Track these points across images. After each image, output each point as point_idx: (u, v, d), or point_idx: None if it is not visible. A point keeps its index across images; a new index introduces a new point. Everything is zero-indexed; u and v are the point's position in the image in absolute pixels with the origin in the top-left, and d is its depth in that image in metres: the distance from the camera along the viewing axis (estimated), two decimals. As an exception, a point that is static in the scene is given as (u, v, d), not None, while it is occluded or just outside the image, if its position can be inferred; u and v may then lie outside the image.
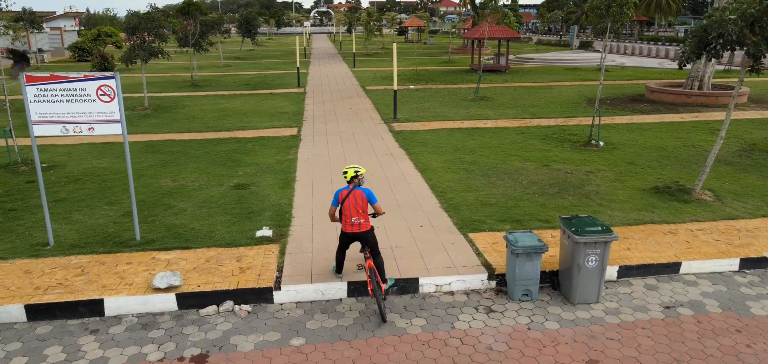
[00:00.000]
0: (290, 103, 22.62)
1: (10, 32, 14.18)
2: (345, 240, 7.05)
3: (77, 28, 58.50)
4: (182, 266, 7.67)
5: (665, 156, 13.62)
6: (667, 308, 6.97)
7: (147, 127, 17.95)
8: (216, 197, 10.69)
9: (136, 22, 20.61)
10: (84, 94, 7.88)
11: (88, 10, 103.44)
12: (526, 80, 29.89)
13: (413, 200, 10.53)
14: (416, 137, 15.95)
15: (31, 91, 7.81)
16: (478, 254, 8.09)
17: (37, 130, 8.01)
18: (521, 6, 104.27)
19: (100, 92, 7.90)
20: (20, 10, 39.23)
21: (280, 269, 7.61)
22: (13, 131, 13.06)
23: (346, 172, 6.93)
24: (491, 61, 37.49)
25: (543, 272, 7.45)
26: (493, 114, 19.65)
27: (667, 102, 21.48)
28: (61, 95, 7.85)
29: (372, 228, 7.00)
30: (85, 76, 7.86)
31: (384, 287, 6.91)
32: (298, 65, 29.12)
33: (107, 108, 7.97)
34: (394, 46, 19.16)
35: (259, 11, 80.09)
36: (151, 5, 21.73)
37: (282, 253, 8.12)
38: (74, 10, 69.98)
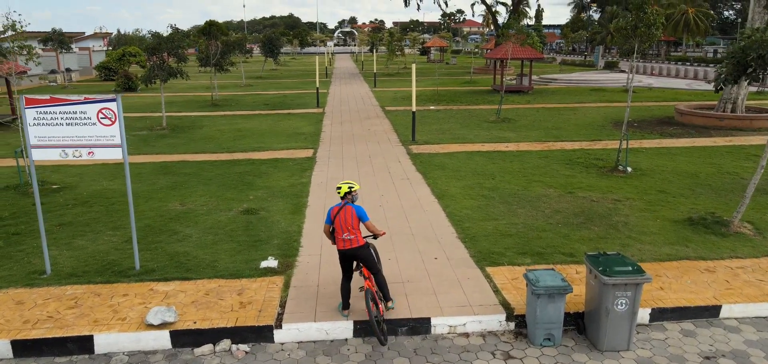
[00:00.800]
0: (308, 124, 22.35)
1: (24, 52, 14.12)
2: (342, 259, 6.80)
3: (106, 48, 59.81)
4: (180, 299, 7.25)
5: (698, 184, 12.83)
6: (707, 358, 6.27)
7: (163, 147, 17.80)
8: (223, 223, 10.30)
9: (157, 43, 20.65)
10: (84, 118, 7.59)
11: (118, 31, 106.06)
12: (549, 101, 29.18)
13: (428, 229, 9.98)
14: (434, 161, 15.43)
15: (30, 114, 7.55)
16: (496, 291, 7.50)
17: (36, 155, 7.73)
18: (545, 26, 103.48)
19: (100, 115, 7.60)
20: (49, 30, 40.21)
21: (282, 305, 7.14)
22: (24, 151, 12.92)
23: (339, 188, 6.74)
24: (514, 82, 36.89)
25: (567, 314, 6.82)
26: (515, 136, 19.03)
27: (698, 125, 20.58)
28: (61, 118, 7.57)
29: (366, 245, 6.74)
30: (85, 98, 7.57)
31: (384, 308, 6.75)
32: (317, 85, 28.93)
33: (108, 132, 7.66)
34: (413, 66, 18.76)
35: (283, 31, 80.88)
36: (171, 26, 21.80)
37: (286, 286, 7.65)
38: (104, 31, 71.66)
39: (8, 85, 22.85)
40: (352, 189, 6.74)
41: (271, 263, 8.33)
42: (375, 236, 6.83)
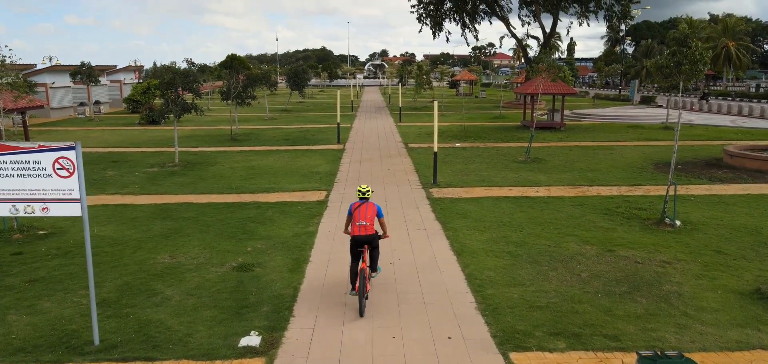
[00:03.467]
0: (325, 162, 21.27)
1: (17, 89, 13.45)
2: (354, 245, 8.09)
3: (138, 80, 60.72)
4: (135, 389, 6.02)
5: (762, 242, 11.08)
6: None
7: (169, 186, 16.89)
8: (211, 282, 9.12)
9: (171, 78, 20.04)
10: (39, 168, 6.56)
11: (155, 64, 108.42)
12: (583, 139, 27.51)
13: (443, 295, 8.58)
14: (456, 207, 14.04)
15: (-23, 163, 6.54)
16: (522, 389, 6.04)
17: (-17, 210, 6.71)
18: (577, 59, 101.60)
19: (57, 166, 6.55)
20: (79, 63, 40.65)
21: (256, 401, 5.83)
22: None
23: (361, 190, 8.37)
24: (545, 117, 35.34)
25: (613, 428, 5.31)
26: (546, 179, 17.50)
27: (751, 169, 18.66)
28: (12, 169, 6.55)
29: (376, 233, 8.13)
30: (40, 146, 6.54)
31: (371, 275, 8.34)
32: (338, 121, 27.96)
33: (65, 184, 6.60)
34: (435, 103, 17.51)
35: (311, 64, 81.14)
36: (187, 61, 21.22)
37: (265, 374, 6.35)
38: (138, 63, 73.01)
39: (24, 122, 22.43)
40: (370, 192, 8.43)
41: (252, 340, 7.06)
42: (382, 235, 8.41)
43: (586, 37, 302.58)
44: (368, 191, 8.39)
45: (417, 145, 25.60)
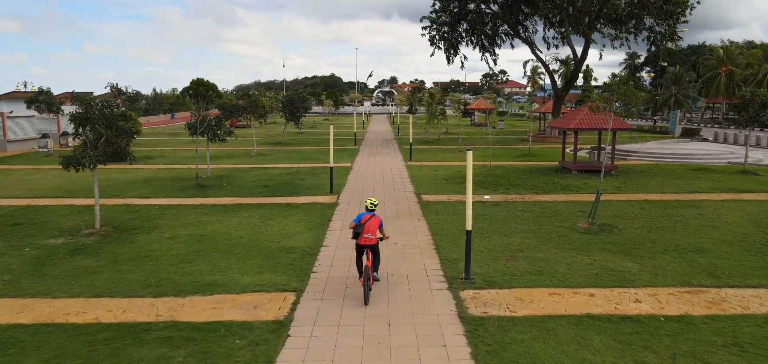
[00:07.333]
0: (307, 227, 15.17)
1: None
2: (359, 249, 9.79)
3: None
4: None
5: None
6: None
7: (52, 280, 10.83)
8: None
9: (85, 112, 14.23)
10: None
11: (154, 90, 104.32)
12: (647, 189, 21.23)
13: None
14: (512, 346, 7.86)
15: None
16: None
17: None
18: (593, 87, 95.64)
19: None
20: (36, 89, 35.17)
21: None
22: None
23: (367, 203, 10.20)
24: (587, 157, 29.25)
25: None
26: (638, 270, 11.28)
27: None
28: None
29: (377, 242, 9.87)
30: None
31: (372, 278, 9.87)
32: (330, 164, 21.80)
33: None
34: (469, 156, 11.20)
35: (313, 92, 75.78)
36: (111, 86, 15.49)
37: None
38: (129, 90, 67.75)
39: None
40: (376, 205, 10.21)
41: None
42: (381, 239, 10.00)
43: (598, 65, 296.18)
44: (376, 204, 10.20)
45: (433, 198, 19.46)
